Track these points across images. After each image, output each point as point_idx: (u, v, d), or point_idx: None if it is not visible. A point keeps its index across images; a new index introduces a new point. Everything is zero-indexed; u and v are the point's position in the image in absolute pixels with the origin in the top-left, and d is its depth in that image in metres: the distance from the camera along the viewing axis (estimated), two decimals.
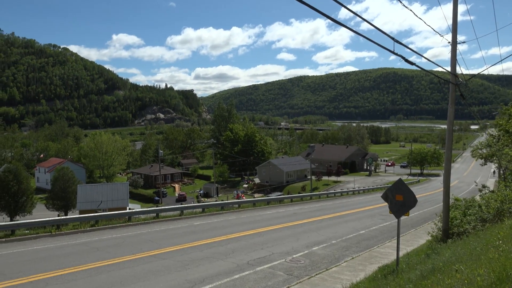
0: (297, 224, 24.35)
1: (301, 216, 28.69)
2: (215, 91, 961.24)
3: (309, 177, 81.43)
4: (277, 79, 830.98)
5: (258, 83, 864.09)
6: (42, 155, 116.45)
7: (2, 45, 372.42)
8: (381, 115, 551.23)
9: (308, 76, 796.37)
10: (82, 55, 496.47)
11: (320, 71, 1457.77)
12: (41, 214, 58.04)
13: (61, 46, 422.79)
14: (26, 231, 20.40)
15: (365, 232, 22.40)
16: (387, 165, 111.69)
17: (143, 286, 11.38)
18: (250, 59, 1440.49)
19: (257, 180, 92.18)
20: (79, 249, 16.24)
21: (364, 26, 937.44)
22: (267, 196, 57.30)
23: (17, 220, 44.61)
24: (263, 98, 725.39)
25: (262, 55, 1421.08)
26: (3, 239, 17.85)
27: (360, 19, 8.57)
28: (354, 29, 8.69)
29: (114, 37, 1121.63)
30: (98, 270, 12.89)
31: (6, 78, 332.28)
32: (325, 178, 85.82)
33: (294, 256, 15.59)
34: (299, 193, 67.04)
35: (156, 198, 76.82)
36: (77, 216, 22.06)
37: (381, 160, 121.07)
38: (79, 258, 14.55)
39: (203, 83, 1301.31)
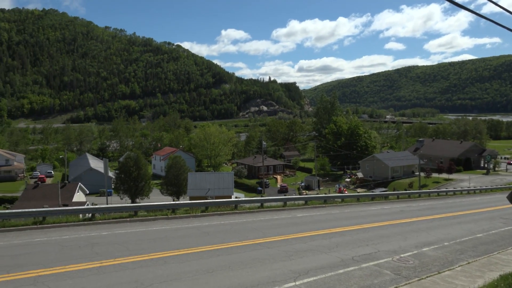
0: (404, 222, 23.22)
1: (409, 214, 27.27)
2: (318, 84, 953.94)
3: (417, 173, 76.76)
4: (383, 70, 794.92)
5: (363, 74, 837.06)
6: (159, 144, 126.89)
7: (125, 44, 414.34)
8: (502, 108, 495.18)
9: (417, 66, 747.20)
10: (193, 51, 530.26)
11: (432, 61, 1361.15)
12: (157, 198, 63.59)
13: (175, 43, 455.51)
14: (145, 213, 22.55)
15: (483, 235, 20.48)
16: (509, 163, 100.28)
17: (249, 272, 11.85)
18: (356, 50, 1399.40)
19: (360, 175, 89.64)
20: (192, 233, 17.48)
21: (487, 8, 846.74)
22: (371, 192, 55.46)
23: (138, 203, 49.36)
24: (367, 90, 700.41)
25: (369, 46, 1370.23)
26: (128, 219, 19.98)
27: (482, 1, 7.80)
28: (476, 12, 7.96)
29: (223, 32, 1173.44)
30: (208, 254, 13.75)
31: (129, 74, 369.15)
32: (435, 175, 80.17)
33: (402, 255, 14.91)
34: (405, 190, 63.66)
35: (259, 188, 79.07)
36: (189, 201, 23.77)
37: (501, 158, 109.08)
38: (192, 241, 15.66)
39: (306, 76, 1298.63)
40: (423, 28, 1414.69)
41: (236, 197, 44.29)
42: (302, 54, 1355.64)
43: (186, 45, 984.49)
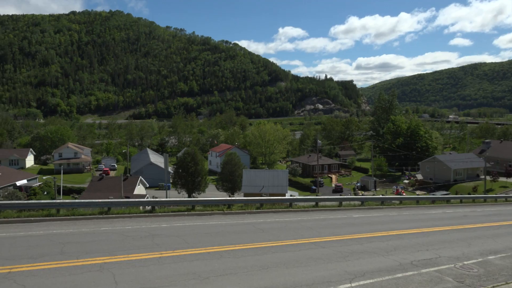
0: (468, 228, 22.01)
1: (473, 219, 25.82)
2: (376, 82, 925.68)
3: (482, 177, 72.37)
4: (447, 67, 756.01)
5: (425, 72, 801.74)
6: (216, 141, 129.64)
7: (185, 43, 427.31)
8: None
9: (485, 63, 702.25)
10: (250, 50, 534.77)
11: (502, 57, 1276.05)
12: (212, 193, 65.02)
13: (232, 42, 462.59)
14: (202, 208, 23.13)
15: None
16: None
17: (304, 271, 11.80)
18: (418, 46, 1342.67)
19: (419, 176, 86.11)
20: (247, 229, 17.71)
21: None
22: (432, 194, 53.11)
23: (194, 197, 50.76)
24: (429, 88, 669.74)
25: (432, 42, 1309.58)
26: (186, 213, 20.65)
27: None
28: None
29: (280, 30, 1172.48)
30: (263, 250, 13.87)
31: (187, 72, 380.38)
32: (502, 179, 75.22)
33: (465, 262, 14.15)
34: (469, 194, 60.29)
35: (313, 187, 78.39)
36: (244, 198, 24.09)
37: None
38: (247, 237, 15.87)
39: (364, 73, 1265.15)
40: (492, 22, 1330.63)
41: (291, 195, 44.22)
42: (360, 52, 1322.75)
43: (243, 43, 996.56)
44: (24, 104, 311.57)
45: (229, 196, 59.74)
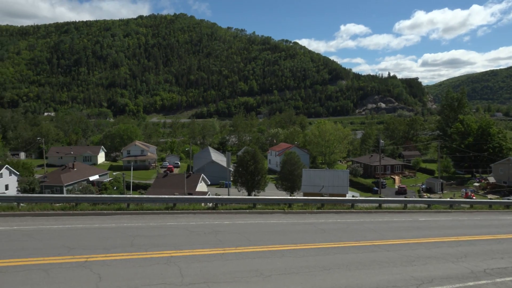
0: None
1: None
2: (443, 79, 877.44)
3: None
4: None
5: (499, 68, 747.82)
6: (275, 140, 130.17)
7: (245, 43, 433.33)
8: None
9: None
10: (311, 48, 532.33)
11: None
12: (272, 192, 65.31)
13: (292, 41, 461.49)
14: (263, 206, 23.34)
15: None
16: None
17: (367, 274, 11.52)
18: (491, 40, 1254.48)
19: (491, 179, 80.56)
20: (308, 229, 17.62)
21: None
22: (506, 199, 49.57)
23: (254, 196, 51.25)
24: (503, 85, 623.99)
25: (508, 35, 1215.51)
26: (247, 211, 20.96)
27: None
28: None
29: (342, 27, 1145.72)
30: (325, 251, 13.72)
31: (248, 72, 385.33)
32: None
33: None
34: None
35: (375, 188, 76.15)
36: (305, 198, 23.99)
37: None
38: (308, 237, 15.79)
39: (431, 70, 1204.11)
40: None
41: (352, 196, 43.31)
42: (427, 47, 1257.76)
43: (303, 42, 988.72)
44: (96, 104, 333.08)
45: (289, 196, 59.71)
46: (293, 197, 23.11)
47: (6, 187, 63.69)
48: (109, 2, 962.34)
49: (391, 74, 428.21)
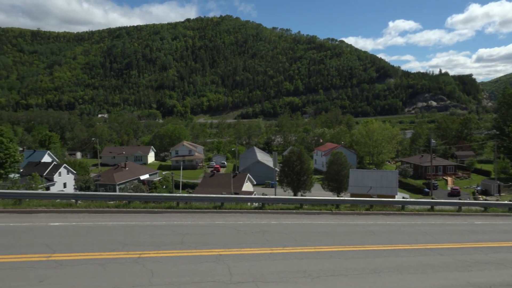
0: None
1: None
2: (500, 75, 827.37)
3: None
4: None
5: None
6: (321, 140, 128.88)
7: (290, 43, 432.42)
8: None
9: None
10: (358, 46, 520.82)
11: None
12: (318, 192, 64.67)
13: (338, 39, 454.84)
14: (310, 206, 23.15)
15: None
16: None
17: (420, 278, 11.14)
18: None
19: None
20: (356, 230, 17.29)
21: None
22: None
23: (300, 196, 50.99)
24: None
25: None
26: (294, 211, 20.88)
27: None
28: None
29: (391, 24, 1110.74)
30: (375, 253, 13.40)
31: (293, 71, 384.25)
32: None
33: None
34: None
35: (426, 190, 73.41)
36: (353, 198, 23.53)
37: None
38: (357, 238, 15.49)
39: (486, 66, 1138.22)
40: None
41: (403, 198, 42.00)
42: (482, 42, 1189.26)
43: (350, 40, 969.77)
44: (146, 106, 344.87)
45: (336, 196, 58.88)
46: (341, 198, 22.74)
47: (64, 185, 67.34)
48: (158, 6, 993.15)
49: (443, 71, 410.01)
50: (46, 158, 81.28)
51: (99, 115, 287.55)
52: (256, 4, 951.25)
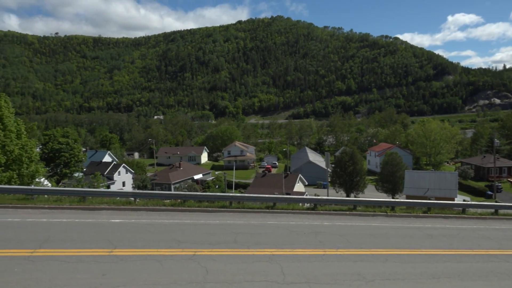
0: None
1: None
2: None
3: None
4: None
5: None
6: (375, 140, 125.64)
7: (342, 42, 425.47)
8: None
9: None
10: (414, 43, 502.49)
11: None
12: (371, 194, 63.10)
13: (393, 36, 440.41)
14: (364, 208, 22.61)
15: None
16: None
17: (484, 286, 10.57)
18: None
19: None
20: (413, 233, 16.68)
21: None
22: None
23: (353, 197, 50.02)
24: None
25: None
26: (347, 212, 20.52)
27: None
28: None
29: (450, 18, 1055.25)
30: (433, 258, 12.86)
31: (345, 70, 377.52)
32: None
33: None
34: None
35: (489, 192, 69.28)
36: (409, 200, 22.74)
37: None
38: (414, 242, 14.94)
39: None
40: None
41: (463, 200, 39.95)
42: None
43: (406, 36, 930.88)
44: (199, 107, 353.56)
45: (391, 198, 57.12)
46: (396, 200, 22.05)
47: (123, 184, 70.58)
48: (211, 9, 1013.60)
49: (507, 67, 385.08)
50: (107, 158, 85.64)
51: (155, 117, 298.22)
52: (307, 3, 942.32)
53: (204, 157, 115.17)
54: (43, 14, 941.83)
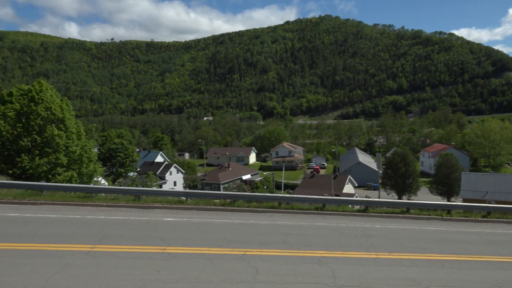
0: None
1: None
2: None
3: None
4: None
5: None
6: (428, 141, 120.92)
7: (393, 40, 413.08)
8: None
9: None
10: (471, 38, 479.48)
11: None
12: (425, 196, 60.77)
13: (447, 32, 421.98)
14: (418, 211, 21.78)
15: None
16: None
17: None
18: None
19: None
20: (471, 238, 15.87)
21: None
22: None
23: (406, 200, 48.38)
24: None
25: None
26: (400, 215, 19.86)
27: None
28: None
29: (511, 11, 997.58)
30: (495, 265, 12.15)
31: (396, 69, 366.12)
32: None
33: None
34: None
35: None
36: (467, 204, 21.65)
37: None
38: (473, 248, 14.20)
39: None
40: None
41: None
42: None
43: (462, 32, 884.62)
44: (247, 108, 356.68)
45: (446, 201, 54.69)
46: (453, 203, 21.05)
47: (174, 183, 72.61)
48: (259, 11, 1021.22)
49: None
50: (159, 158, 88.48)
51: (205, 118, 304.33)
52: (357, 1, 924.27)
53: (252, 158, 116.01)
54: (100, 21, 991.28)
